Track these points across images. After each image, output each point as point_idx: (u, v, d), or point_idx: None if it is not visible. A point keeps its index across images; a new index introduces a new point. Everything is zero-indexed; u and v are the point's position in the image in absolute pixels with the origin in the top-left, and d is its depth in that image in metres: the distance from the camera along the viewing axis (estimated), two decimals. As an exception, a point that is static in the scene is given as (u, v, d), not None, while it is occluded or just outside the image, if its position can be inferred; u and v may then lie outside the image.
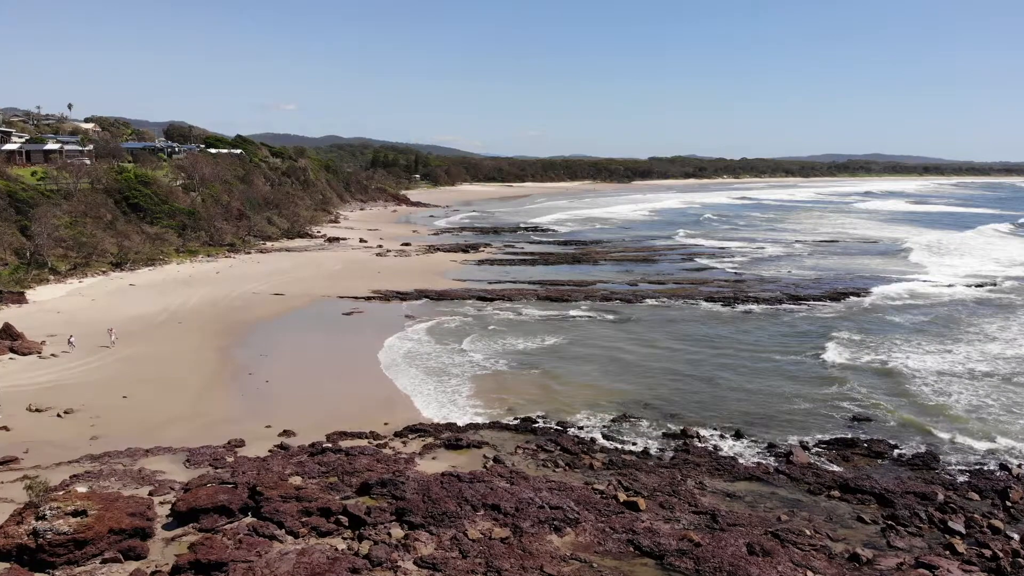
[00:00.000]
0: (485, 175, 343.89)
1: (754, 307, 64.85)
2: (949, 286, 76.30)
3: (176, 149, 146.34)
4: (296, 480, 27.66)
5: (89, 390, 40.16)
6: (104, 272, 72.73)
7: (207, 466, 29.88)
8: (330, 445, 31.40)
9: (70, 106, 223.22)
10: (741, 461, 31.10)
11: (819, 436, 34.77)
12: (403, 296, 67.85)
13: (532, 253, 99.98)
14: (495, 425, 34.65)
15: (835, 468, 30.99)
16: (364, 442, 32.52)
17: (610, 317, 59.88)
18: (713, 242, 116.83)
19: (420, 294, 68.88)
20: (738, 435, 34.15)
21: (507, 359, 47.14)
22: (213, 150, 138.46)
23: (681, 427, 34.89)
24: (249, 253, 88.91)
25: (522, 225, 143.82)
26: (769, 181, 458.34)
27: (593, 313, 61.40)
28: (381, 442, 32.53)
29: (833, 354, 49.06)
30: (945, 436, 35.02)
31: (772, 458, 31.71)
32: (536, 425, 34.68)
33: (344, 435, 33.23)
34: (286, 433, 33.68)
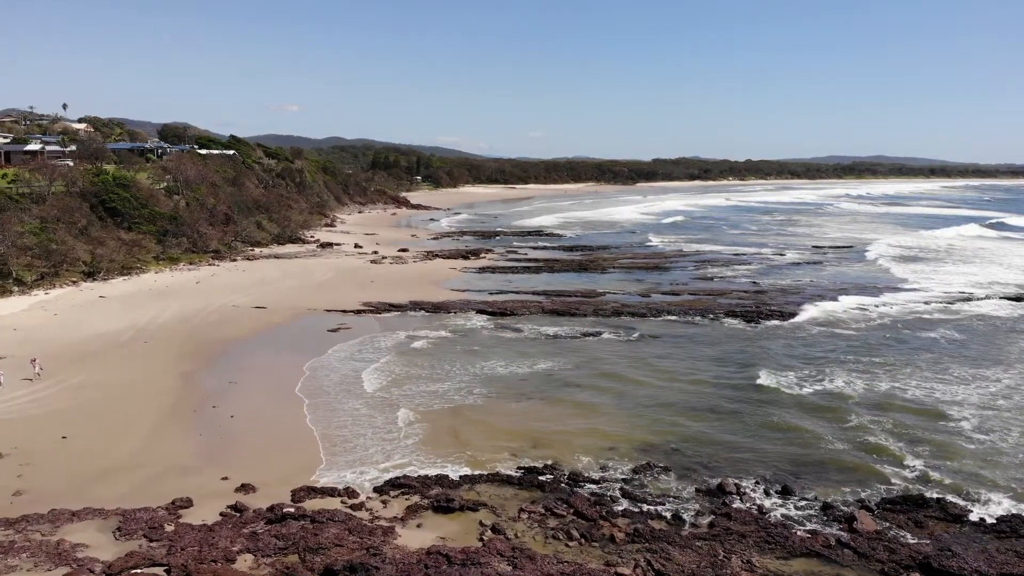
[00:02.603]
0: (488, 177, 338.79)
1: (779, 322, 59.29)
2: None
3: (167, 150, 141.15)
4: (245, 560, 22.19)
5: (27, 427, 34.73)
6: (75, 282, 67.29)
7: (141, 536, 24.39)
8: (292, 509, 25.80)
9: (65, 106, 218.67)
10: (796, 530, 25.44)
11: (881, 489, 29.21)
12: (397, 308, 62.39)
13: (536, 260, 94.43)
14: (494, 479, 29.00)
15: (909, 538, 25.39)
16: (336, 501, 26.98)
17: (621, 335, 54.28)
18: (724, 248, 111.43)
19: (415, 306, 63.45)
20: (786, 492, 28.52)
21: (509, 386, 41.55)
22: (204, 151, 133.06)
23: (717, 480, 29.29)
24: (235, 260, 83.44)
25: (525, 229, 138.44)
26: (775, 183, 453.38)
27: (602, 329, 55.82)
28: (356, 501, 27.00)
29: (865, 382, 43.63)
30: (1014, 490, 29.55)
31: (832, 524, 26.09)
32: (543, 479, 29.02)
33: (312, 491, 27.69)
34: (244, 488, 28.15)
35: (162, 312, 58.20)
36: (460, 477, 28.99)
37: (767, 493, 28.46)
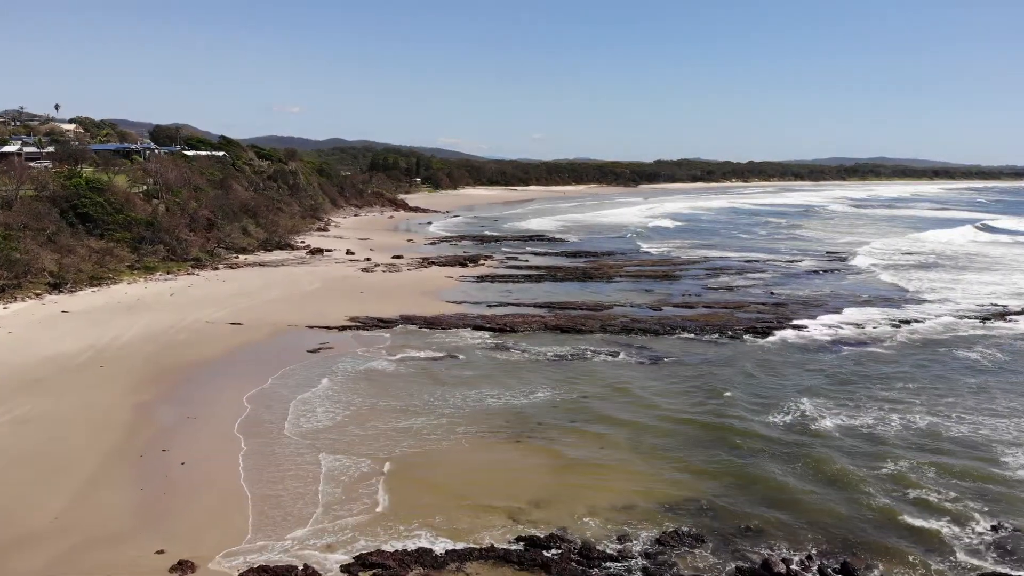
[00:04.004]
0: (488, 178, 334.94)
1: (802, 340, 54.21)
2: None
3: (156, 151, 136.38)
4: None
5: (-57, 477, 29.60)
6: (38, 295, 62.09)
7: (38, 643, 19.25)
8: (233, 605, 20.66)
9: (57, 107, 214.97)
10: (867, 634, 20.26)
11: (955, 565, 24.03)
12: (386, 324, 57.23)
13: (537, 267, 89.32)
14: (488, 555, 23.62)
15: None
16: (292, 588, 21.81)
17: (633, 357, 49.05)
18: (734, 254, 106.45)
19: (406, 320, 58.31)
20: (845, 572, 23.27)
21: (502, 422, 36.27)
22: (191, 152, 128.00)
23: (760, 552, 24.06)
24: (217, 269, 78.22)
25: (526, 233, 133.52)
26: (777, 185, 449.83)
27: (611, 349, 50.60)
28: (317, 588, 21.83)
29: (900, 416, 38.46)
30: None
31: (910, 623, 20.92)
32: (548, 555, 23.70)
33: (264, 572, 22.53)
34: (181, 567, 22.93)
35: (128, 329, 53.03)
36: (446, 552, 23.72)
37: (823, 574, 23.21)
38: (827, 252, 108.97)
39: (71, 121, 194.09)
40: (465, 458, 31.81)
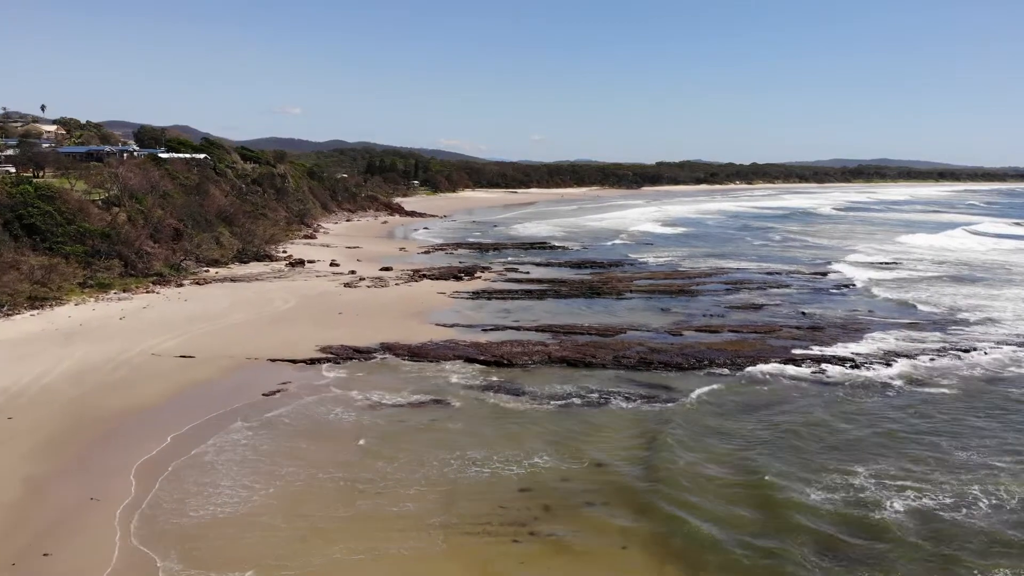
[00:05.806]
0: (489, 181, 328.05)
1: (849, 376, 46.29)
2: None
3: (134, 153, 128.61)
4: None
5: None
6: (-32, 319, 54.18)
7: None
8: None
9: (43, 107, 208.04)
10: None
11: None
12: (363, 354, 49.34)
13: (539, 280, 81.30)
14: None
15: None
16: None
17: (656, 403, 40.72)
18: (751, 264, 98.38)
19: (386, 349, 50.40)
20: None
21: (491, 507, 28.16)
22: (167, 154, 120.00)
23: None
24: (181, 286, 70.01)
25: (527, 240, 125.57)
26: (781, 187, 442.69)
27: (627, 391, 42.53)
28: None
29: (982, 489, 30.36)
30: None
31: None
32: None
33: None
34: None
35: (57, 364, 44.93)
36: None
37: None
38: (846, 262, 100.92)
39: (54, 122, 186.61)
40: (438, 572, 23.49)
